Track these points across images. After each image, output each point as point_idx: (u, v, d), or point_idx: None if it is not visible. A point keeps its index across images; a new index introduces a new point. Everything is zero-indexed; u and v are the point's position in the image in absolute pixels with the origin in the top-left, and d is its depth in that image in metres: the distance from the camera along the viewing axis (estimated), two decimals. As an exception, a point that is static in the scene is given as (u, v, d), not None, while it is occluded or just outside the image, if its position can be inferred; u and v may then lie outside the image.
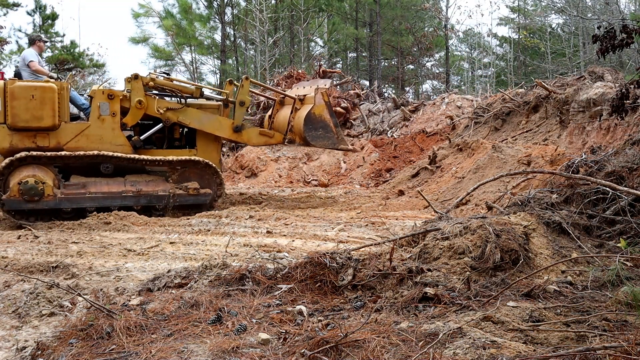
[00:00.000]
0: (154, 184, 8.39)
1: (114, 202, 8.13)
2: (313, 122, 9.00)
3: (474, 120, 13.35)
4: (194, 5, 29.44)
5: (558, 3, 25.77)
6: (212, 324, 3.21)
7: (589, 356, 2.41)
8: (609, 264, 3.74)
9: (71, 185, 7.98)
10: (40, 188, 7.66)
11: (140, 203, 8.27)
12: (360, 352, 2.67)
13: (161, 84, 8.73)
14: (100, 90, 8.38)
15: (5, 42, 21.03)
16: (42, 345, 3.14)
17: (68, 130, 8.13)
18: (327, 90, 9.47)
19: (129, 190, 8.21)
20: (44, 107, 7.80)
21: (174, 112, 8.66)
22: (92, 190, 8.03)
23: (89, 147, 8.16)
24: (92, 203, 8.01)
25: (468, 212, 7.46)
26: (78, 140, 8.16)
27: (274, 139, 9.46)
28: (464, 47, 35.88)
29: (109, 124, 8.33)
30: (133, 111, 8.47)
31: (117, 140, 8.37)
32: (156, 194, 8.33)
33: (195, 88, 9.03)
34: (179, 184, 8.49)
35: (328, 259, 3.84)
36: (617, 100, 6.15)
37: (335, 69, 21.24)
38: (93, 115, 8.29)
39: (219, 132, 8.97)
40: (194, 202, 8.52)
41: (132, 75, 8.52)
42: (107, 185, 8.15)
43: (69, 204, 7.90)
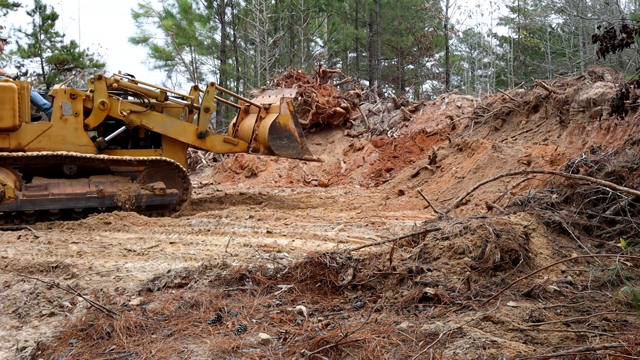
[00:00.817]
0: (119, 185, 8.24)
1: (78, 203, 7.95)
2: (278, 131, 9.02)
3: (474, 120, 13.35)
4: (194, 5, 29.45)
5: (558, 3, 25.77)
6: (212, 324, 3.21)
7: (589, 356, 2.41)
8: (609, 264, 3.74)
9: (33, 187, 7.76)
10: (1, 190, 7.50)
11: (105, 204, 8.11)
12: (360, 352, 2.68)
13: (125, 86, 8.58)
14: (62, 89, 8.22)
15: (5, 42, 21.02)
16: (42, 345, 3.15)
17: (29, 130, 7.93)
18: (292, 100, 9.47)
19: (93, 191, 8.04)
20: (3, 107, 7.62)
21: (137, 115, 8.54)
22: (54, 192, 7.82)
23: (51, 148, 7.97)
24: (55, 205, 7.82)
25: (468, 212, 7.46)
26: (40, 141, 7.97)
27: (238, 147, 9.40)
28: (464, 47, 35.90)
29: (71, 124, 8.17)
30: (96, 112, 8.32)
31: (80, 140, 8.20)
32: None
33: (160, 92, 8.88)
34: (145, 184, 8.38)
35: (328, 259, 3.84)
36: (617, 100, 6.15)
37: (335, 69, 21.23)
38: (55, 116, 8.11)
39: (183, 137, 8.89)
40: (160, 203, 8.42)
41: (96, 76, 8.42)
42: (70, 187, 7.96)
43: (31, 206, 7.70)
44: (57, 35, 22.55)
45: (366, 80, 29.66)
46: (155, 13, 28.86)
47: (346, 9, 30.51)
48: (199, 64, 31.08)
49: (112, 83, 8.42)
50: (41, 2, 21.86)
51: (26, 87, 7.96)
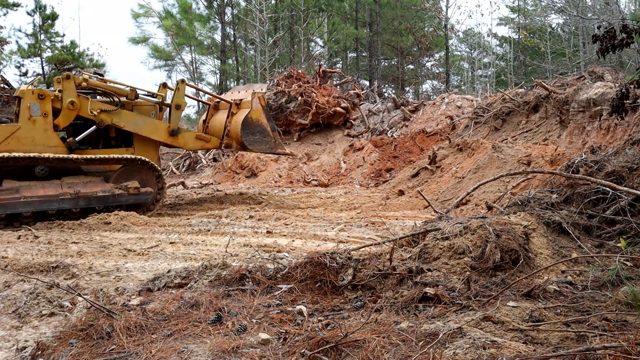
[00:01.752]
0: (92, 185, 8.12)
1: (51, 205, 7.81)
2: (250, 126, 9.03)
3: (474, 120, 13.35)
4: (194, 5, 29.46)
5: (558, 3, 25.77)
6: (212, 324, 3.21)
7: (589, 356, 2.41)
8: (609, 264, 3.74)
9: (4, 191, 7.58)
10: None
11: (79, 205, 7.99)
12: (360, 352, 2.67)
13: (94, 85, 8.49)
14: (29, 90, 8.05)
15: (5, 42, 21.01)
16: (42, 345, 3.15)
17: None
18: (264, 94, 9.47)
19: (66, 192, 7.89)
20: None
21: (108, 114, 8.45)
22: (26, 195, 7.65)
23: (20, 150, 7.82)
24: (27, 208, 7.65)
25: (468, 212, 7.46)
26: (8, 143, 7.81)
27: (210, 144, 9.40)
28: (464, 47, 35.90)
29: (40, 125, 8.01)
30: (65, 112, 8.19)
31: (50, 141, 8.06)
32: (95, 195, 8.07)
33: (130, 90, 8.80)
34: (119, 183, 8.31)
35: (328, 259, 3.84)
36: (617, 100, 6.15)
37: (335, 69, 21.24)
38: (23, 117, 7.96)
39: (155, 135, 8.85)
40: (134, 202, 8.36)
41: (64, 76, 8.28)
42: (42, 189, 7.80)
43: (2, 209, 7.52)
44: (57, 35, 22.57)
45: (366, 80, 29.66)
46: (155, 13, 28.88)
47: (346, 9, 30.51)
48: (199, 64, 31.11)
49: (81, 82, 8.31)
50: (41, 2, 21.87)
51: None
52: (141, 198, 8.39)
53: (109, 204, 8.17)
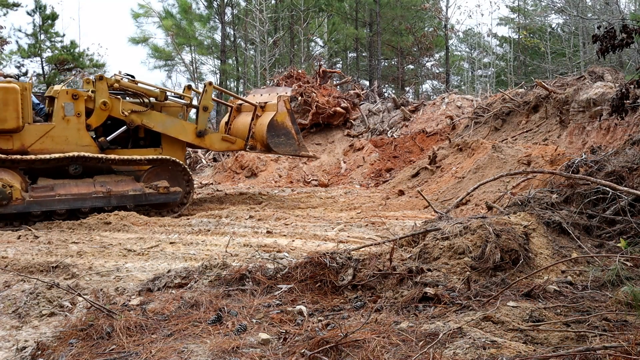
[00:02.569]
0: (124, 184, 8.31)
1: (85, 203, 7.98)
2: (276, 129, 9.20)
3: (474, 120, 13.35)
4: (194, 5, 29.43)
5: (558, 3, 25.76)
6: (212, 324, 3.21)
7: (589, 356, 2.41)
8: (609, 264, 3.74)
9: (39, 188, 7.77)
10: (9, 192, 7.47)
11: (111, 204, 8.15)
12: (360, 352, 2.67)
13: (126, 86, 8.68)
14: (64, 90, 8.22)
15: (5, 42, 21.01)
16: (42, 345, 3.15)
17: (32, 131, 7.94)
18: (289, 98, 9.66)
19: (99, 191, 8.08)
20: (7, 108, 7.59)
21: (138, 114, 8.65)
22: (61, 193, 7.83)
23: (54, 149, 7.99)
24: (61, 205, 7.83)
25: (468, 212, 7.46)
26: (43, 142, 7.99)
27: (235, 145, 9.58)
28: (464, 47, 35.89)
29: (74, 124, 8.20)
30: (97, 112, 8.38)
31: (83, 141, 8.25)
32: (127, 194, 8.25)
33: (159, 91, 9.02)
34: (149, 183, 8.47)
35: (328, 259, 3.84)
36: (617, 100, 6.15)
37: (335, 69, 21.23)
38: (57, 116, 8.12)
39: (182, 136, 9.04)
40: (164, 201, 8.53)
41: (97, 76, 8.46)
42: (76, 187, 7.98)
43: (38, 207, 7.69)
44: (57, 35, 22.56)
45: (366, 80, 29.64)
46: (155, 13, 28.86)
47: (346, 9, 30.49)
48: (199, 64, 31.08)
49: (113, 83, 8.49)
50: (41, 2, 21.86)
51: (28, 88, 7.96)
52: (170, 197, 8.57)
53: (140, 203, 8.36)
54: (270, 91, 10.31)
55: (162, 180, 8.57)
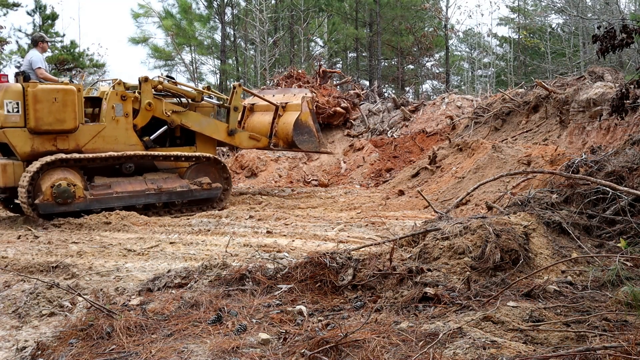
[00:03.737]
0: (171, 181, 8.71)
1: (139, 200, 8.36)
2: (300, 127, 9.89)
3: (474, 120, 13.34)
4: (194, 5, 29.42)
5: (558, 3, 25.75)
6: (212, 324, 3.21)
7: (589, 356, 2.41)
8: (609, 264, 3.74)
9: (98, 187, 8.10)
10: (72, 190, 7.73)
11: (161, 200, 8.56)
12: (360, 352, 2.67)
13: (168, 88, 9.08)
14: (113, 91, 8.51)
15: (5, 42, 20.99)
16: (42, 345, 3.15)
17: (86, 131, 8.24)
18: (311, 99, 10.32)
19: (150, 188, 8.46)
20: (65, 109, 7.85)
21: (178, 114, 9.06)
22: (118, 190, 8.18)
23: (105, 148, 8.32)
24: (119, 203, 8.16)
25: (468, 212, 7.46)
26: (95, 142, 8.30)
27: (260, 143, 10.10)
28: (464, 47, 35.87)
29: (122, 124, 8.55)
30: (143, 113, 8.75)
31: (130, 140, 8.62)
32: (175, 190, 8.64)
33: (197, 92, 9.48)
34: (192, 179, 8.87)
35: (328, 259, 3.84)
36: (617, 100, 6.15)
37: (335, 69, 21.22)
38: (108, 117, 8.45)
39: (216, 135, 9.51)
40: (207, 196, 8.95)
41: (142, 78, 8.78)
42: (130, 185, 8.35)
43: (98, 204, 7.99)
44: (57, 35, 22.55)
45: (366, 80, 29.63)
46: (155, 13, 28.85)
47: (346, 9, 30.48)
48: (199, 64, 31.08)
49: (157, 85, 8.91)
50: (41, 2, 21.86)
51: (81, 89, 8.26)
52: (212, 193, 9.01)
53: (186, 199, 8.77)
54: (284, 92, 10.90)
55: (204, 176, 8.97)
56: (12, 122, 7.62)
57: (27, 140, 7.77)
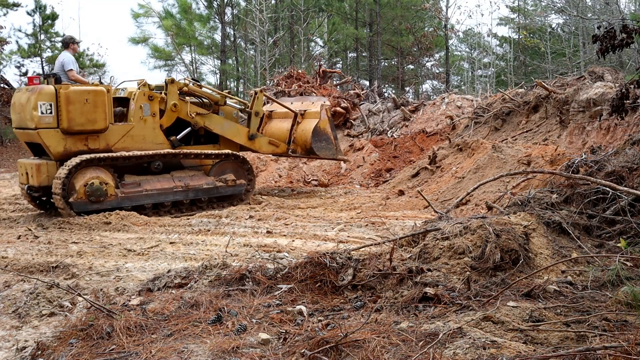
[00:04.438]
0: (197, 178, 8.92)
1: (167, 197, 8.56)
2: (319, 134, 10.11)
3: (474, 120, 13.34)
4: (194, 5, 29.40)
5: (558, 3, 25.75)
6: (212, 324, 3.21)
7: (589, 356, 2.41)
8: (609, 264, 3.74)
9: (128, 185, 8.29)
10: (104, 189, 7.94)
11: (188, 197, 8.78)
12: (360, 352, 2.68)
13: (193, 90, 9.31)
14: (141, 92, 8.71)
15: (5, 42, 20.97)
16: (42, 345, 3.15)
17: (115, 131, 8.42)
18: (330, 107, 10.58)
19: (178, 185, 8.66)
20: (96, 110, 8.05)
21: (201, 116, 9.30)
22: (147, 188, 8.38)
23: (133, 147, 8.52)
24: (148, 200, 8.38)
25: (468, 212, 7.46)
26: (124, 141, 8.49)
27: (279, 149, 10.32)
28: (464, 47, 35.85)
29: (150, 124, 8.73)
30: (168, 113, 8.96)
31: (157, 139, 8.81)
32: (202, 187, 8.86)
33: (220, 96, 9.76)
34: (217, 176, 9.13)
35: (328, 259, 3.84)
36: (617, 100, 6.14)
37: (335, 69, 21.22)
38: (136, 116, 8.63)
39: (237, 138, 9.76)
40: (231, 193, 9.24)
41: (169, 80, 9.04)
42: (158, 182, 8.54)
43: (129, 202, 8.19)
44: (57, 35, 22.53)
45: (366, 80, 29.63)
46: (155, 13, 28.83)
47: (346, 9, 30.48)
48: (199, 64, 31.07)
49: (182, 87, 9.12)
50: (41, 2, 21.85)
51: (110, 90, 8.45)
52: (237, 189, 9.30)
53: (212, 195, 9.04)
54: (302, 100, 11.18)
55: (228, 173, 9.23)
56: (45, 123, 7.82)
57: (60, 140, 7.96)
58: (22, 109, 7.99)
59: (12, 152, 18.92)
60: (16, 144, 19.82)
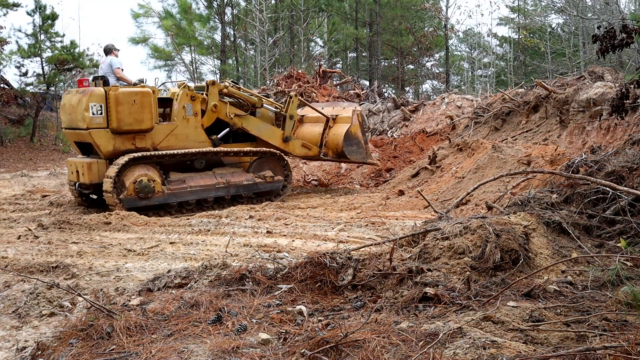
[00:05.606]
0: (238, 175, 9.26)
1: (210, 193, 8.88)
2: (350, 139, 10.40)
3: (474, 120, 13.33)
4: (194, 5, 29.41)
5: (558, 3, 25.75)
6: (212, 324, 3.21)
7: (589, 356, 2.41)
8: (609, 264, 3.74)
9: (173, 182, 8.59)
10: (152, 186, 8.27)
11: (230, 193, 9.09)
12: (360, 352, 2.68)
13: (232, 92, 9.63)
14: (185, 93, 9.02)
15: (5, 42, 20.94)
16: (42, 345, 3.15)
17: (160, 130, 8.74)
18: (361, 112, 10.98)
19: (220, 182, 8.96)
20: (143, 110, 8.37)
21: (239, 118, 9.62)
22: (191, 185, 8.69)
23: (177, 146, 8.82)
24: (192, 196, 8.70)
25: (468, 212, 7.46)
26: (169, 140, 8.80)
27: (312, 152, 10.58)
28: (464, 47, 35.87)
29: (192, 123, 9.06)
30: (209, 114, 9.27)
31: (199, 138, 9.12)
32: (242, 184, 9.20)
33: (257, 99, 10.01)
34: (256, 173, 9.45)
35: (328, 259, 3.84)
36: (617, 100, 6.14)
37: (335, 69, 21.23)
38: (179, 116, 8.95)
39: (272, 140, 10.04)
40: (270, 189, 9.59)
41: (210, 81, 9.39)
42: (202, 179, 8.85)
43: (174, 198, 8.52)
44: (57, 35, 22.49)
45: (366, 80, 29.63)
46: (155, 13, 28.84)
47: (346, 9, 30.49)
48: (199, 64, 31.10)
49: (222, 89, 9.44)
50: (41, 2, 21.80)
51: (155, 91, 8.78)
52: (275, 185, 9.66)
53: (251, 191, 9.38)
54: (333, 105, 11.45)
55: (266, 170, 9.56)
56: (96, 123, 8.15)
57: (110, 139, 8.28)
58: (72, 110, 8.32)
59: (12, 152, 18.92)
60: (16, 144, 19.82)
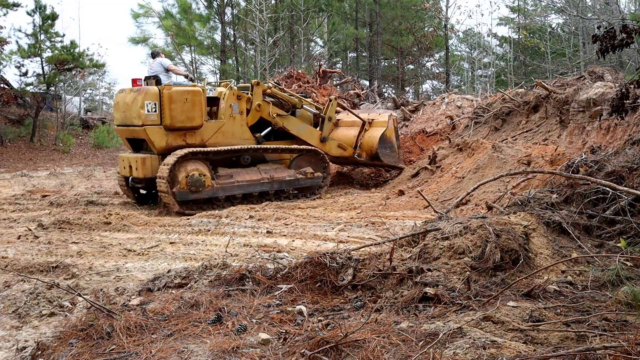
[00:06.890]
0: (280, 171, 9.66)
1: (255, 188, 9.24)
2: (385, 142, 10.87)
3: (474, 120, 13.33)
4: (194, 5, 29.37)
5: (558, 3, 25.75)
6: (212, 324, 3.21)
7: (589, 356, 2.41)
8: (609, 264, 3.74)
9: (222, 176, 8.97)
10: (203, 180, 8.62)
11: (273, 188, 9.46)
12: (360, 352, 2.68)
13: (275, 93, 10.08)
14: (231, 92, 9.48)
15: (5, 42, 20.92)
16: (42, 345, 3.15)
17: (209, 128, 9.19)
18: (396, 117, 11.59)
19: (264, 177, 9.36)
20: (194, 108, 8.82)
21: (281, 117, 10.07)
22: (238, 180, 9.07)
23: (224, 142, 9.24)
24: (239, 191, 9.07)
25: (468, 212, 7.45)
26: (216, 137, 9.24)
27: (347, 152, 10.94)
28: (464, 47, 35.86)
29: (238, 121, 9.52)
30: (253, 113, 9.74)
31: (244, 135, 9.59)
32: (284, 179, 9.59)
33: (298, 100, 10.44)
34: (297, 169, 9.86)
35: (328, 259, 3.84)
36: (617, 100, 6.14)
37: (335, 69, 21.22)
38: (226, 114, 9.40)
39: (310, 140, 10.44)
40: (310, 185, 9.96)
41: (254, 82, 9.84)
42: (247, 175, 9.22)
43: (222, 192, 8.90)
44: (57, 35, 22.47)
45: (366, 80, 29.63)
46: (155, 13, 28.81)
47: (346, 9, 30.48)
48: (199, 64, 31.07)
49: (266, 89, 9.91)
50: (41, 2, 21.79)
51: (205, 90, 9.20)
52: (315, 181, 10.01)
53: (293, 187, 9.75)
54: (368, 111, 12.07)
55: (307, 167, 9.95)
56: (151, 120, 8.60)
57: (163, 136, 8.72)
58: (127, 108, 8.73)
59: (12, 152, 18.92)
60: (16, 144, 19.82)
